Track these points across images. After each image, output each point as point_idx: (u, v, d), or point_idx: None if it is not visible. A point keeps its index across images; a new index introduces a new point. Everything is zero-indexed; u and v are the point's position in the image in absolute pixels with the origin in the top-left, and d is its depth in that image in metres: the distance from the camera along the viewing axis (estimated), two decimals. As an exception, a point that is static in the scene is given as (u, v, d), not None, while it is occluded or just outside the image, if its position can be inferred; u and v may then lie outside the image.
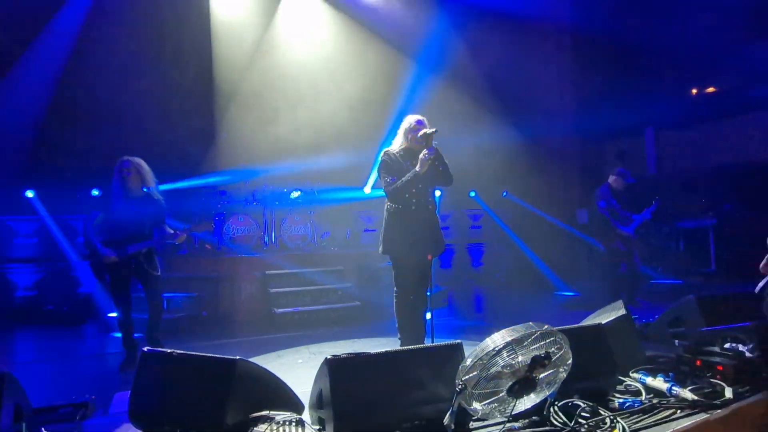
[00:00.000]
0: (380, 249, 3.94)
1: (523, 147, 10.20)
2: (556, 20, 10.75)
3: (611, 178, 6.41)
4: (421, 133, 3.74)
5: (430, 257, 3.82)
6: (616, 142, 11.72)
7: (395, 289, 3.95)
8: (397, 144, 3.96)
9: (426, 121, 3.89)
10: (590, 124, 10.73)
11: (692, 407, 2.48)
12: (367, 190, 9.26)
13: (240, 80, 9.29)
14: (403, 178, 3.72)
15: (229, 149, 8.98)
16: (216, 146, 9.20)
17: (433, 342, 3.90)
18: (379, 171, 3.89)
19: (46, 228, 7.75)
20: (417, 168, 3.65)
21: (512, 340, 2.20)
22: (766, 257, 1.33)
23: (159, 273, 4.39)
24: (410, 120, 3.91)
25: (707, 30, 9.05)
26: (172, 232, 4.40)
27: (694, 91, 11.37)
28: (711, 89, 11.20)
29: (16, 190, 7.70)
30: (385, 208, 3.94)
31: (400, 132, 3.95)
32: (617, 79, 10.68)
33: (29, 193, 7.72)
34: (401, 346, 3.94)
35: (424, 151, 3.63)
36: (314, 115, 9.28)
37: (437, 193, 6.59)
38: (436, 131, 3.70)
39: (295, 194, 8.25)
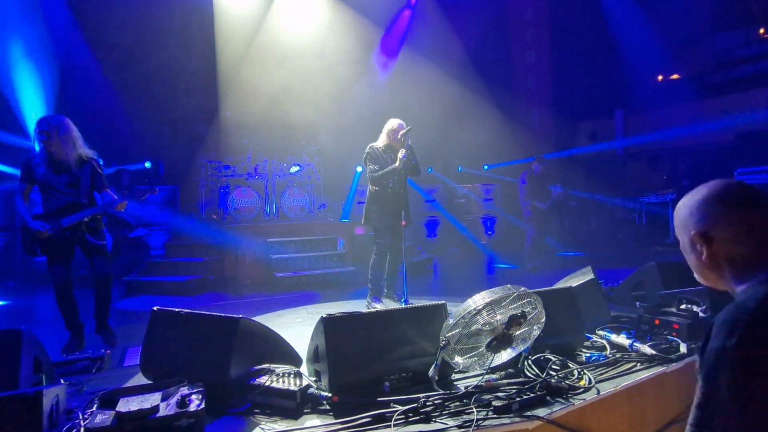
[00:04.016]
0: (362, 221, 4.55)
1: (505, 126, 10.11)
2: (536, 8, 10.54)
3: (533, 165, 7.21)
4: (400, 134, 4.27)
5: (404, 223, 4.35)
6: (589, 123, 11.64)
7: (375, 249, 4.52)
8: (381, 141, 4.46)
9: (404, 124, 4.37)
10: (565, 107, 10.63)
11: (651, 361, 2.52)
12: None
13: (241, 60, 9.02)
14: (385, 169, 4.29)
15: (231, 126, 8.78)
16: (219, 124, 8.99)
17: (406, 301, 4.02)
18: (365, 161, 4.41)
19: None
20: (396, 165, 4.24)
21: (491, 300, 2.20)
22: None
23: (105, 242, 3.68)
24: (393, 123, 4.42)
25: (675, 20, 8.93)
26: (116, 198, 3.60)
27: (660, 77, 11.32)
28: (675, 76, 11.15)
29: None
30: (368, 189, 4.49)
31: (384, 131, 4.45)
32: (591, 64, 10.55)
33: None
34: (370, 296, 4.50)
35: (402, 151, 4.20)
36: (309, 93, 9.08)
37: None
38: (410, 128, 4.27)
39: (294, 169, 8.15)
